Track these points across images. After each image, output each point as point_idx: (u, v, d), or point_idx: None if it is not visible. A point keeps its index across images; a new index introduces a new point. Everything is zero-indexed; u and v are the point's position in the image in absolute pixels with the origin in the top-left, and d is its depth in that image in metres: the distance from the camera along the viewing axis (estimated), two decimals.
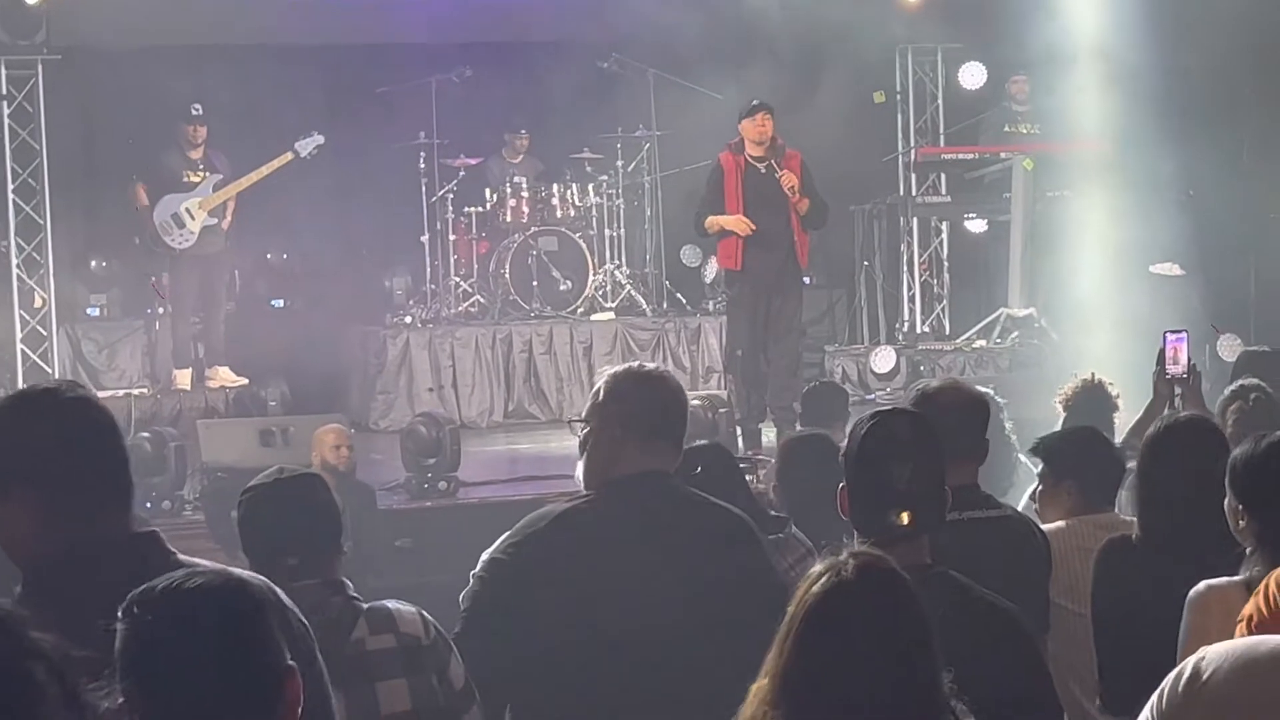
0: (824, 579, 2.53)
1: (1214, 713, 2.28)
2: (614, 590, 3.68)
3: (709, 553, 3.79)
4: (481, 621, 3.80)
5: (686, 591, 3.68)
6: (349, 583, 3.82)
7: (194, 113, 12.57)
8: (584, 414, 3.95)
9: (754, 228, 10.46)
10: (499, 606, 3.77)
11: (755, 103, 10.64)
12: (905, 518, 3.31)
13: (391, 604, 3.84)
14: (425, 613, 3.87)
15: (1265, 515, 3.69)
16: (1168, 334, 5.72)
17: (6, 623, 1.90)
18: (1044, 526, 4.61)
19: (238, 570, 2.41)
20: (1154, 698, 2.36)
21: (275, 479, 3.97)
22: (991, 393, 5.79)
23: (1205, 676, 2.29)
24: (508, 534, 3.88)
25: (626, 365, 4.04)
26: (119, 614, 2.24)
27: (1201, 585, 3.71)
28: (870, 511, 3.38)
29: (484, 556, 3.90)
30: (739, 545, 3.89)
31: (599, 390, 3.94)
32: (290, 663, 2.33)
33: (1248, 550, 3.70)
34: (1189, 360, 5.72)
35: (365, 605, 3.77)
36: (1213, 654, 2.32)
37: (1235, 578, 3.66)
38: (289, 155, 12.65)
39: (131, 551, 2.79)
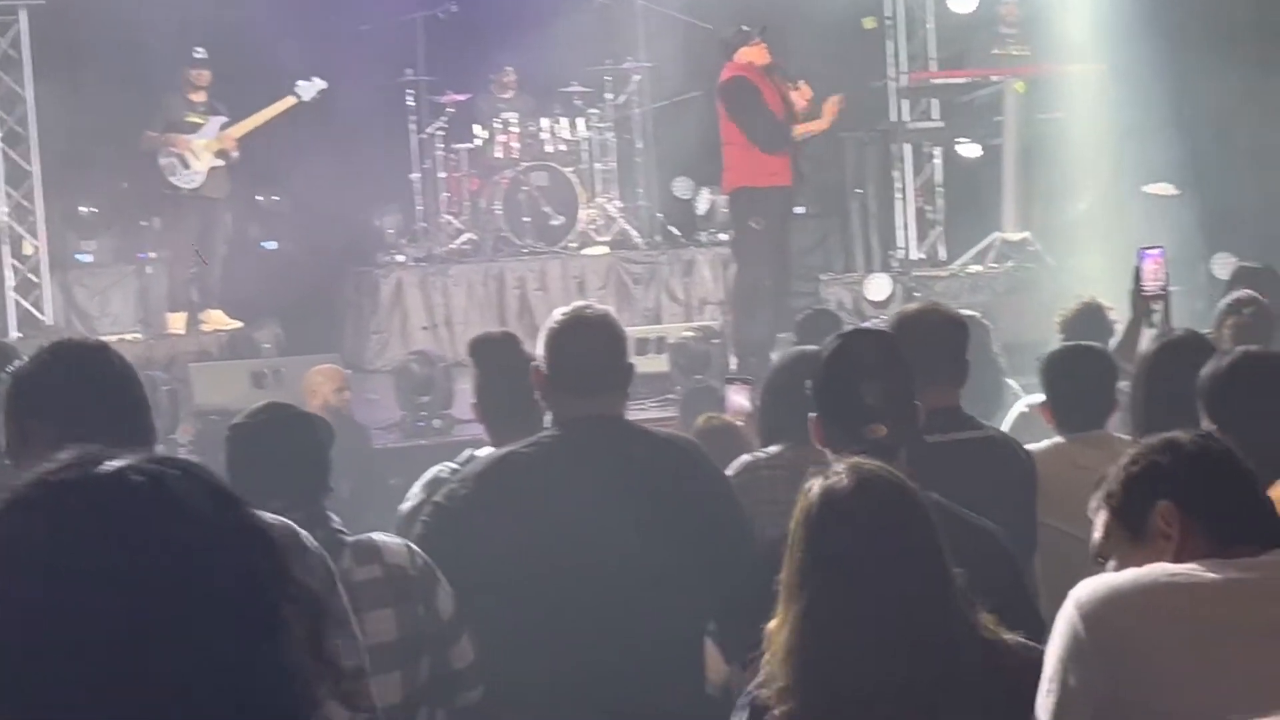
0: (821, 485, 2.58)
1: (1113, 647, 2.37)
2: (561, 526, 3.67)
3: (658, 483, 3.77)
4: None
5: (637, 524, 3.66)
6: (334, 517, 3.81)
7: (196, 56, 12.43)
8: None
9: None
10: (446, 551, 3.79)
11: (745, 28, 10.54)
12: (879, 430, 3.29)
13: (378, 536, 3.83)
14: (412, 544, 3.85)
15: (1238, 432, 3.68)
16: (1142, 250, 5.64)
17: (274, 541, 1.45)
18: (1032, 446, 4.58)
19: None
20: (1055, 643, 2.36)
21: (267, 415, 3.95)
22: (978, 316, 5.75)
23: (1101, 614, 2.38)
24: (454, 479, 3.91)
25: (564, 313, 3.92)
26: None
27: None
28: (842, 430, 3.36)
29: (417, 503, 3.91)
30: (687, 472, 3.86)
31: (540, 343, 3.91)
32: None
33: None
34: (1166, 276, 5.66)
35: (350, 538, 3.76)
36: (1082, 594, 2.40)
37: None
38: (291, 99, 12.53)
39: None
